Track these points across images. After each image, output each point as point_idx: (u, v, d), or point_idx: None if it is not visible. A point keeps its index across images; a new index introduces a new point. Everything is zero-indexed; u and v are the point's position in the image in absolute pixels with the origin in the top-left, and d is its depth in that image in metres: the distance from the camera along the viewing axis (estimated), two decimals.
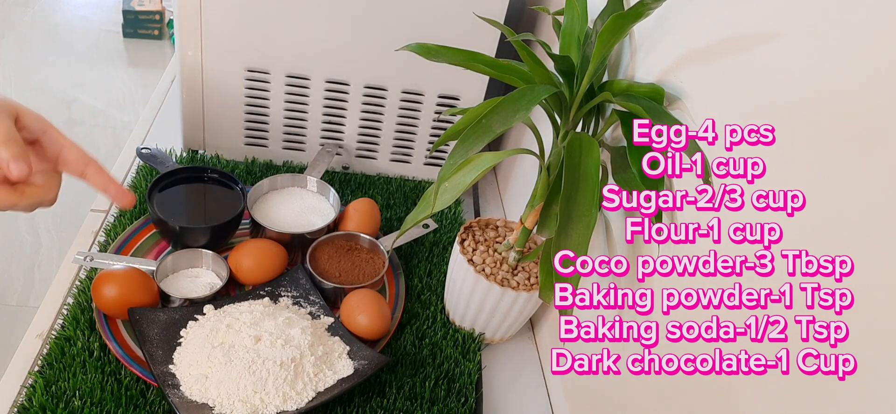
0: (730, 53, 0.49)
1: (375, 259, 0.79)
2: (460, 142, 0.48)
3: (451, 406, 0.68)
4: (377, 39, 0.84)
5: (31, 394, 0.61)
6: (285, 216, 0.82)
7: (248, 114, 0.90)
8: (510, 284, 0.69)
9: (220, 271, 0.74)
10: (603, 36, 0.50)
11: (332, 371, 0.64)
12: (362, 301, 0.71)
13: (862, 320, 0.35)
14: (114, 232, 0.79)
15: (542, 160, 0.63)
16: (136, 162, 0.93)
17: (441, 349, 0.73)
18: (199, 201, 0.82)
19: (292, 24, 0.82)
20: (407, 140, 0.95)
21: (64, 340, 0.65)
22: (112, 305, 0.66)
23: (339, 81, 0.88)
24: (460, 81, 0.89)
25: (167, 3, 2.94)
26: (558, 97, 0.59)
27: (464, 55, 0.59)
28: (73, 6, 3.14)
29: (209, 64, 0.84)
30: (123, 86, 2.61)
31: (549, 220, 0.62)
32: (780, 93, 0.43)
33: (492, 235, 0.76)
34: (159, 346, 0.64)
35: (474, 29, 0.80)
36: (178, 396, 0.60)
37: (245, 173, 0.92)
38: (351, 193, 0.94)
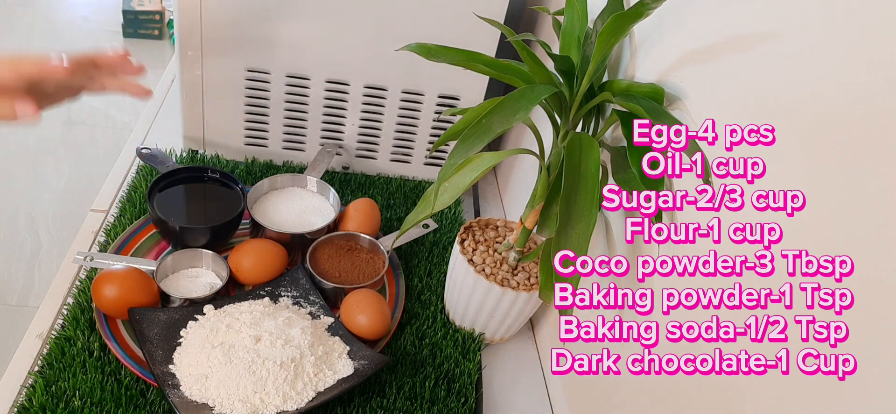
0: (730, 53, 0.49)
1: (375, 259, 0.79)
2: (460, 142, 0.48)
3: (451, 406, 0.68)
4: (377, 39, 0.84)
5: (31, 394, 0.61)
6: (285, 216, 0.82)
7: (248, 114, 0.90)
8: (510, 284, 0.69)
9: (220, 271, 0.74)
10: (603, 36, 0.50)
11: (332, 371, 0.64)
12: (362, 301, 0.71)
13: (862, 320, 0.35)
14: (114, 232, 0.79)
15: (542, 160, 0.63)
16: (136, 162, 0.93)
17: (441, 349, 0.73)
18: (199, 201, 0.82)
19: (292, 24, 0.82)
20: (407, 140, 0.95)
21: (64, 340, 0.65)
22: (112, 305, 0.66)
23: (339, 81, 0.88)
24: (460, 81, 0.89)
25: (167, 3, 2.94)
26: (558, 97, 0.59)
27: (464, 55, 0.59)
28: (73, 6, 3.14)
29: (209, 64, 0.84)
30: None
31: (549, 220, 0.62)
32: (780, 93, 0.43)
33: (492, 235, 0.76)
34: (159, 346, 0.64)
35: (474, 29, 0.80)
36: (178, 396, 0.60)
37: (245, 173, 0.92)
38: (351, 193, 0.94)
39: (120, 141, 2.30)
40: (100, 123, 2.39)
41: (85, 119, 2.38)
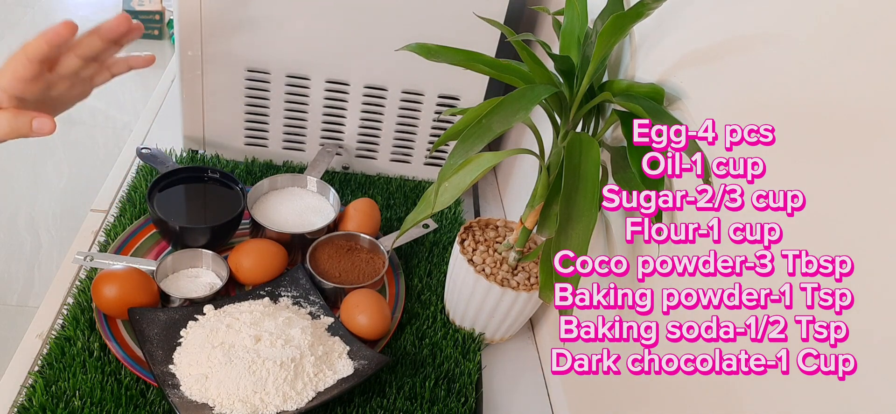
0: (730, 53, 0.49)
1: (375, 259, 0.79)
2: (460, 142, 0.48)
3: (451, 406, 0.68)
4: (377, 39, 0.84)
5: (31, 394, 0.61)
6: (285, 216, 0.82)
7: (248, 114, 0.90)
8: (510, 284, 0.69)
9: (220, 271, 0.74)
10: (603, 36, 0.50)
11: (332, 371, 0.64)
12: (362, 301, 0.71)
13: (862, 320, 0.35)
14: (114, 232, 0.79)
15: (542, 160, 0.63)
16: (136, 162, 0.93)
17: (441, 349, 0.73)
18: (199, 201, 0.82)
19: (292, 24, 0.82)
20: (407, 140, 0.95)
21: (64, 340, 0.65)
22: (112, 305, 0.66)
23: (339, 81, 0.88)
24: (460, 81, 0.89)
25: (167, 3, 2.94)
26: (558, 97, 0.59)
27: (464, 55, 0.59)
28: (73, 6, 3.14)
29: (209, 64, 0.84)
30: (123, 86, 2.61)
31: (549, 220, 0.62)
32: (780, 93, 0.43)
33: (492, 235, 0.76)
34: (159, 346, 0.64)
35: (474, 29, 0.80)
36: (178, 396, 0.60)
37: (245, 173, 0.92)
38: (351, 193, 0.94)
39: (120, 141, 2.30)
40: (100, 123, 2.39)
41: (85, 119, 2.38)
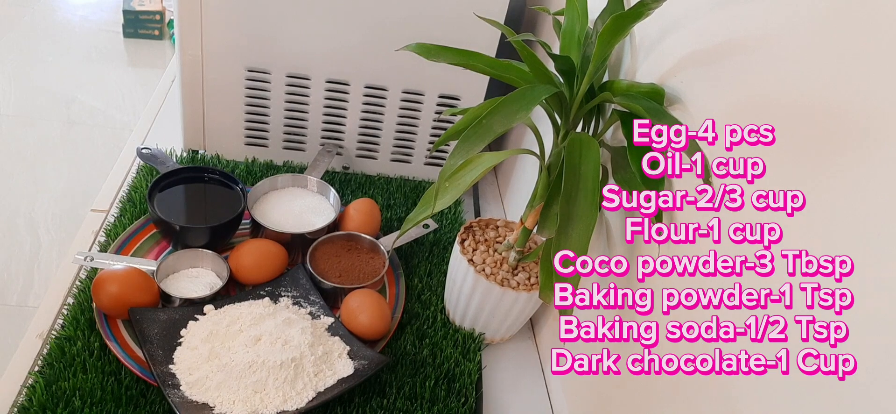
0: (730, 53, 0.49)
1: (375, 259, 0.79)
2: (461, 142, 0.48)
3: (451, 406, 0.68)
4: (377, 39, 0.84)
5: (32, 394, 0.61)
6: (285, 216, 0.82)
7: (249, 114, 0.90)
8: (510, 284, 0.69)
9: (221, 271, 0.74)
10: (603, 36, 0.50)
11: (332, 371, 0.64)
12: (362, 301, 0.71)
13: (862, 320, 0.35)
14: (114, 232, 0.79)
15: (543, 160, 0.63)
16: (136, 162, 0.93)
17: (441, 349, 0.73)
18: (200, 201, 0.82)
19: (292, 24, 0.82)
20: (407, 140, 0.95)
21: (64, 339, 0.65)
22: (112, 305, 0.66)
23: (340, 81, 0.88)
24: (460, 81, 0.89)
25: (167, 3, 2.93)
26: (558, 97, 0.59)
27: (464, 55, 0.59)
28: (73, 6, 3.14)
29: (209, 64, 0.84)
30: (123, 86, 2.61)
31: (549, 220, 0.62)
32: (780, 93, 0.43)
33: (492, 234, 0.76)
34: (159, 346, 0.64)
35: (474, 29, 0.80)
36: (178, 396, 0.60)
37: (245, 173, 0.92)
38: (351, 193, 0.94)
39: (120, 141, 2.30)
40: (100, 123, 2.39)
41: (84, 119, 2.38)
